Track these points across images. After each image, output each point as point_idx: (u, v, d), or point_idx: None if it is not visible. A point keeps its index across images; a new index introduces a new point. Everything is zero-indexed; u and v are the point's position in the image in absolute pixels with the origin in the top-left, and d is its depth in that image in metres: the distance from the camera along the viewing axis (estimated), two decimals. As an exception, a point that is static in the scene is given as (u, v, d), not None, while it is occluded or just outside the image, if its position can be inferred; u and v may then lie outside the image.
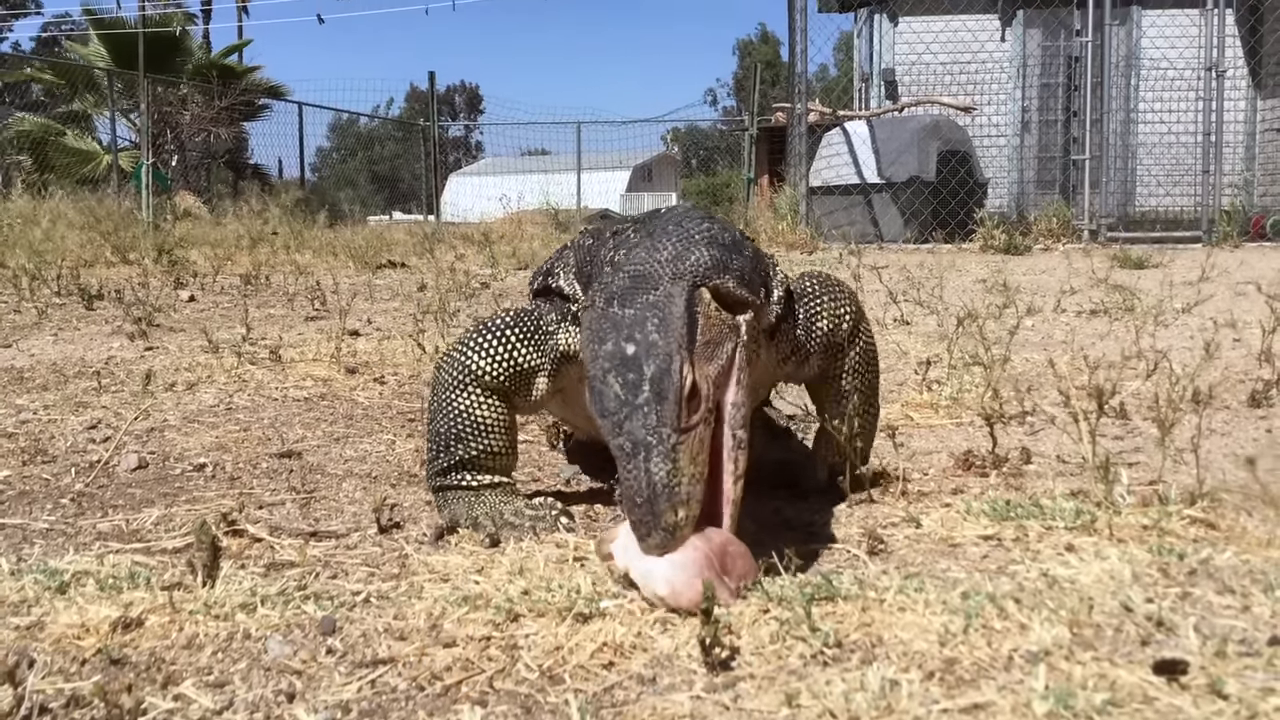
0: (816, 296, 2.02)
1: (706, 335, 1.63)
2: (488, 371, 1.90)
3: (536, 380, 1.92)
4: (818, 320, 2.00)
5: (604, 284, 1.73)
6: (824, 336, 2.01)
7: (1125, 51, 14.75)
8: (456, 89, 72.24)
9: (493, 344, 1.91)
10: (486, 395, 1.91)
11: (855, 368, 2.09)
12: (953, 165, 11.89)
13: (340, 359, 3.82)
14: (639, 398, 1.53)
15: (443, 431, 1.92)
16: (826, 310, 2.01)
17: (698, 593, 1.37)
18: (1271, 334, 3.37)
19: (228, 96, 20.73)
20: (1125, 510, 1.84)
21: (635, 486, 1.49)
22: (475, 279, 7.15)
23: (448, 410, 1.91)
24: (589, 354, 1.64)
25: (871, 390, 2.17)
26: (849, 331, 2.05)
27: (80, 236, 9.02)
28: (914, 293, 5.55)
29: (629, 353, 1.57)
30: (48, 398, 3.22)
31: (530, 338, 1.92)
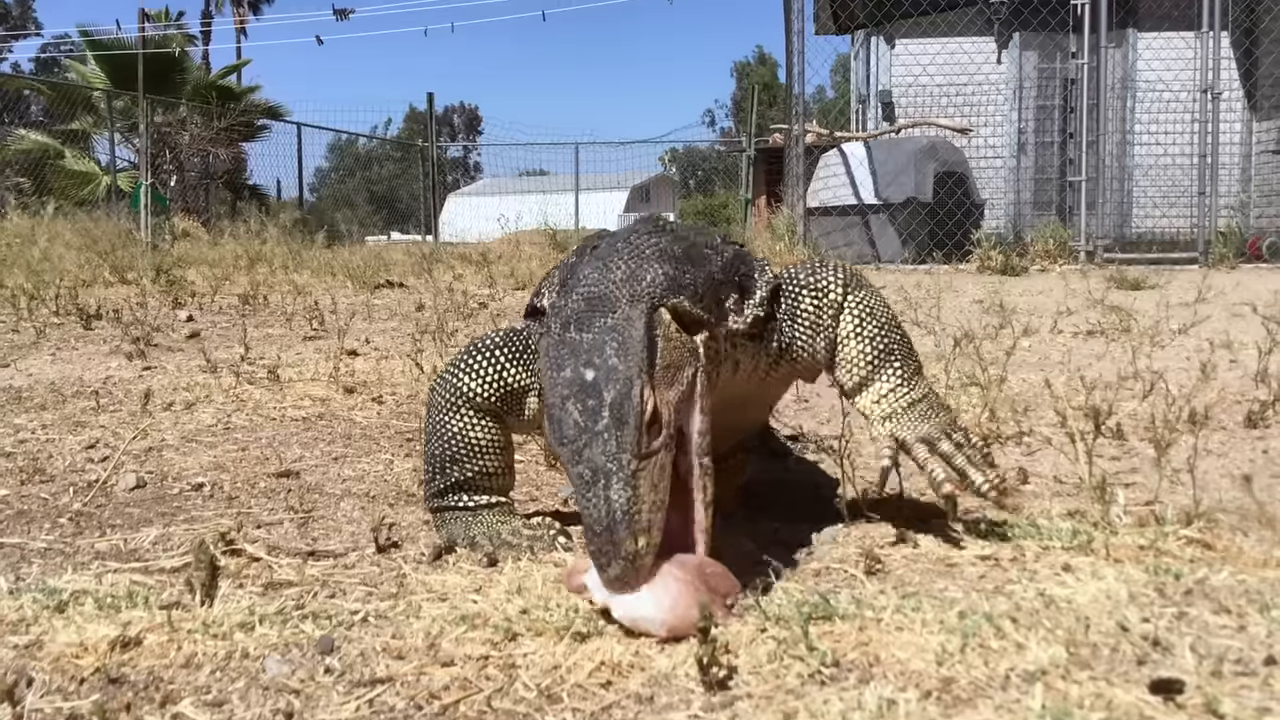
0: (795, 279, 1.96)
1: (667, 359, 1.61)
2: (478, 393, 1.90)
3: (527, 400, 1.91)
4: (801, 300, 1.94)
5: (559, 308, 1.71)
6: (811, 314, 1.93)
7: (1121, 74, 14.81)
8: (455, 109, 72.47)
9: (483, 365, 1.91)
10: (479, 416, 1.91)
11: (858, 329, 1.93)
12: (949, 186, 11.93)
13: (338, 379, 3.82)
14: (598, 424, 1.51)
15: (438, 453, 1.93)
16: (808, 287, 1.94)
17: (694, 622, 1.36)
18: (1268, 355, 3.39)
19: (227, 117, 20.79)
20: (1122, 530, 1.85)
21: (595, 515, 1.47)
22: (473, 299, 7.16)
23: (442, 432, 1.92)
24: (547, 381, 1.62)
25: (894, 350, 1.94)
26: (839, 298, 1.94)
27: (78, 256, 9.03)
28: (911, 313, 5.56)
29: (588, 378, 1.55)
30: (46, 417, 3.22)
31: (519, 357, 1.91)
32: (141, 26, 17.91)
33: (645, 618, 1.45)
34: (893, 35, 15.49)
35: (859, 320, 1.93)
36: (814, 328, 1.93)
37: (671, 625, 1.43)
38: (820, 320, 1.93)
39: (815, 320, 1.93)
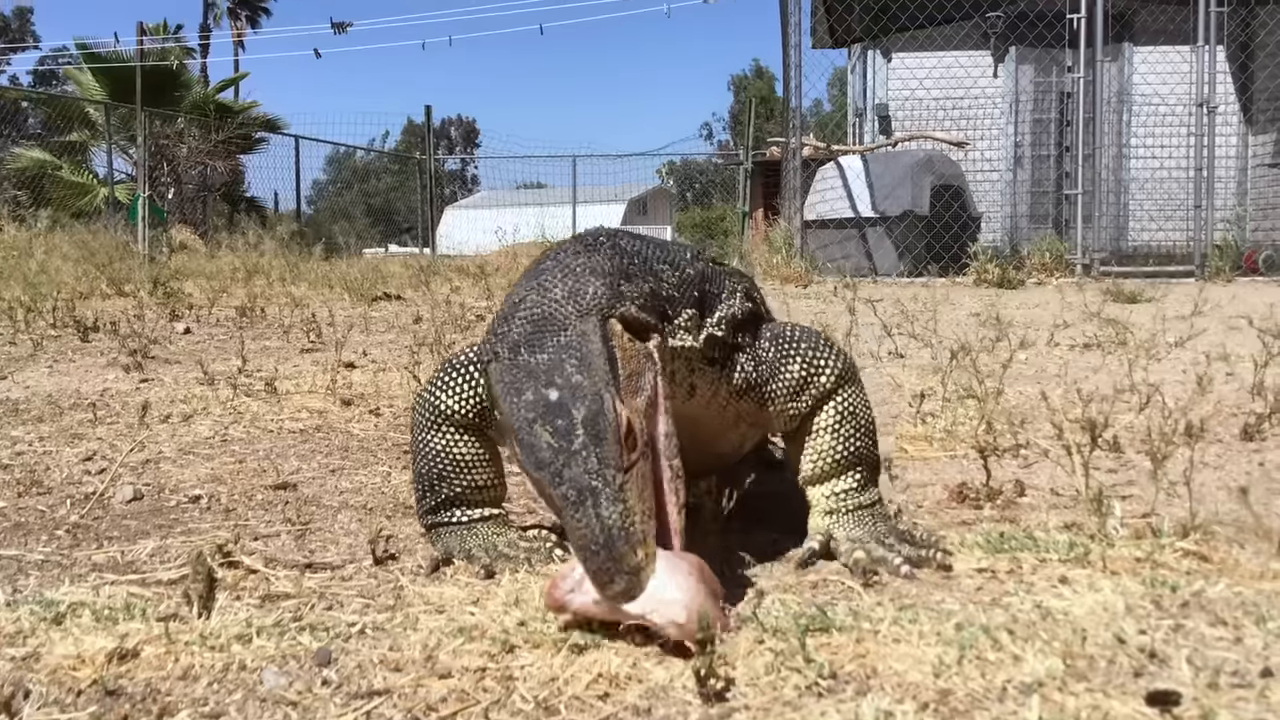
0: (794, 340, 1.91)
1: (628, 368, 1.58)
2: (456, 410, 1.90)
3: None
4: (790, 362, 1.89)
5: (501, 334, 1.67)
6: (794, 382, 1.88)
7: (1117, 87, 14.86)
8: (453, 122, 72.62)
9: (457, 381, 1.91)
10: (460, 433, 1.91)
11: (837, 426, 1.90)
12: (946, 199, 11.96)
13: (336, 391, 3.83)
14: (574, 443, 1.47)
15: (425, 472, 1.94)
16: (804, 356, 1.89)
17: (718, 613, 1.35)
18: (1264, 368, 3.39)
19: (224, 130, 20.82)
20: (1118, 543, 1.85)
21: (589, 535, 1.42)
22: (471, 311, 7.17)
23: (426, 451, 1.93)
24: (508, 408, 1.56)
25: (863, 456, 1.93)
26: (828, 385, 1.89)
27: (75, 269, 9.03)
28: (908, 326, 5.57)
29: (553, 399, 1.51)
30: (43, 429, 3.22)
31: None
32: (140, 39, 17.95)
33: (670, 600, 1.42)
34: (889, 49, 15.54)
35: (840, 418, 1.90)
36: (790, 395, 1.89)
37: (691, 611, 1.39)
38: (799, 394, 1.89)
39: (794, 390, 1.89)
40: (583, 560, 1.44)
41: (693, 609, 1.39)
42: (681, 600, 1.41)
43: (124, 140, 20.04)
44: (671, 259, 1.86)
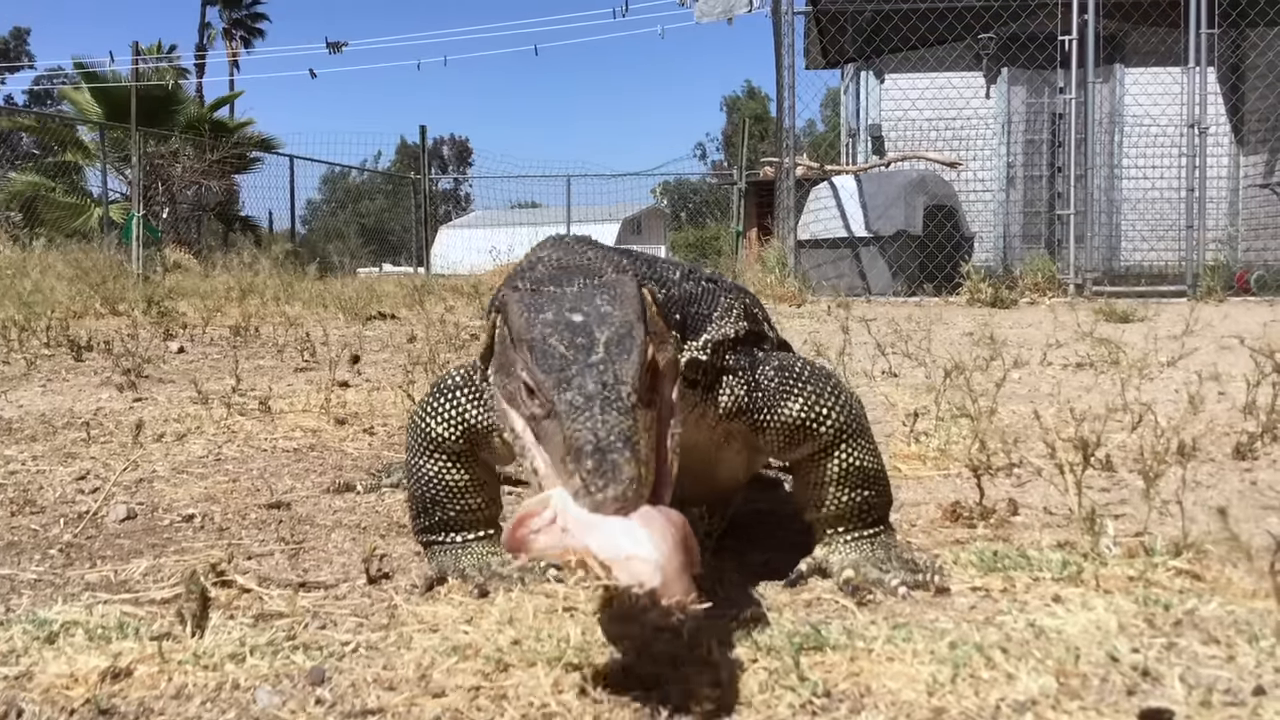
0: (799, 377, 1.85)
1: (655, 326, 1.53)
2: (445, 437, 1.89)
3: (492, 437, 1.87)
4: (788, 399, 1.83)
5: (523, 274, 1.64)
6: (791, 421, 1.82)
7: (1109, 108, 14.94)
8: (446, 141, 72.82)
9: (445, 408, 1.89)
10: (451, 459, 1.91)
11: (843, 477, 1.85)
12: (939, 219, 12.00)
13: (329, 410, 3.83)
14: (592, 356, 1.38)
15: (419, 495, 1.94)
16: (805, 398, 1.83)
17: (687, 586, 1.25)
18: (1255, 387, 3.40)
19: (219, 150, 20.84)
20: (1111, 561, 1.85)
21: (585, 438, 1.30)
22: (465, 330, 7.17)
23: (419, 476, 1.92)
24: (523, 323, 1.47)
25: (872, 507, 1.89)
26: (829, 437, 1.83)
27: (69, 288, 9.03)
28: (901, 345, 5.58)
29: (575, 320, 1.43)
30: (36, 449, 3.22)
31: (479, 398, 1.87)
32: (135, 60, 17.98)
33: (641, 556, 1.25)
34: (882, 70, 15.63)
35: (844, 472, 1.85)
36: (785, 434, 1.84)
37: (665, 572, 1.25)
38: (796, 437, 1.84)
39: (790, 430, 1.83)
40: (574, 466, 1.31)
41: (668, 571, 1.25)
42: (655, 560, 1.25)
43: (118, 160, 20.05)
44: (658, 276, 1.83)
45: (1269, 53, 14.08)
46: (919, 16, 13.78)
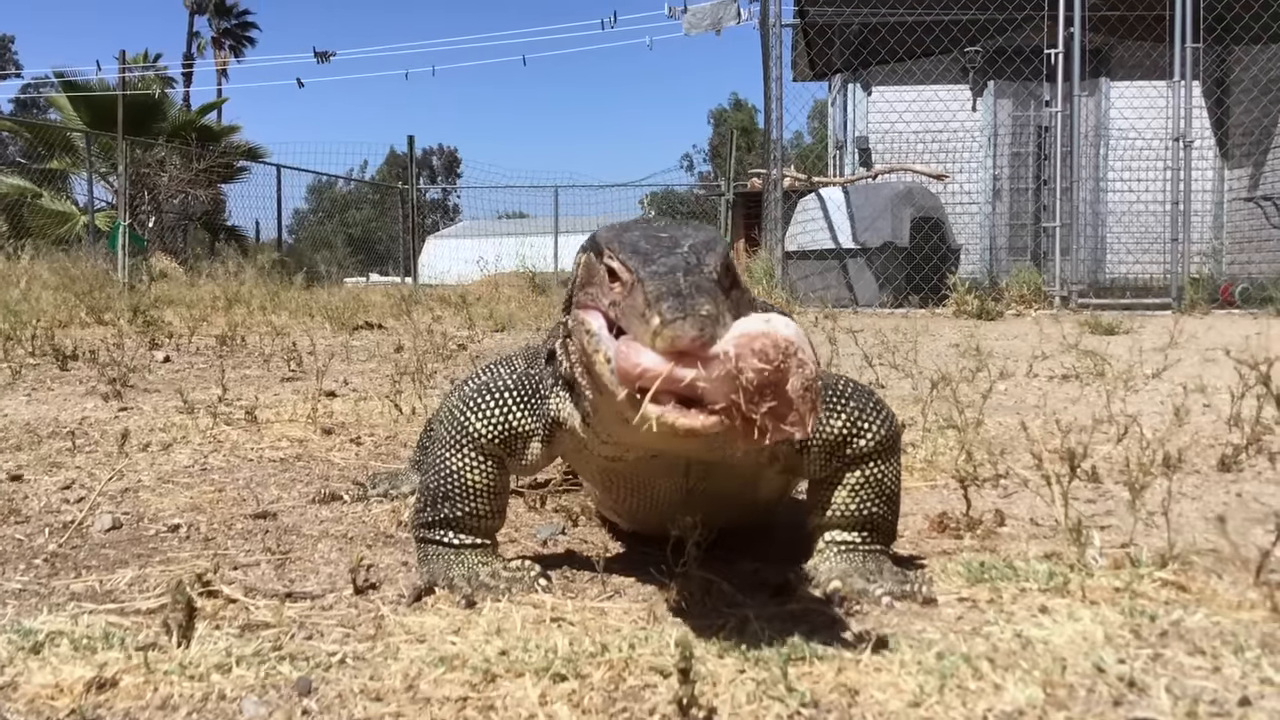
0: (844, 395, 1.87)
1: (734, 263, 1.59)
2: (483, 434, 1.89)
3: (530, 444, 1.91)
4: (832, 418, 1.84)
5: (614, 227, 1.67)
6: (833, 437, 1.85)
7: (1094, 122, 15.03)
8: (434, 152, 72.84)
9: (491, 406, 1.90)
10: (480, 458, 1.91)
11: (859, 488, 1.88)
12: (926, 231, 12.05)
13: (316, 420, 3.82)
14: (678, 247, 1.47)
15: (433, 487, 1.93)
16: (850, 412, 1.86)
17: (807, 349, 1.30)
18: (1240, 399, 3.42)
19: (206, 158, 20.81)
20: (1098, 572, 1.86)
21: (665, 289, 1.37)
22: (452, 340, 7.16)
23: (441, 468, 1.92)
24: (610, 236, 1.57)
25: (880, 522, 1.91)
26: (867, 448, 1.86)
27: (55, 297, 9.00)
28: (888, 356, 5.60)
29: (662, 236, 1.52)
30: (21, 458, 3.20)
31: (527, 401, 1.90)
32: (121, 69, 17.95)
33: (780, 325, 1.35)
34: (869, 82, 15.69)
35: (863, 481, 1.87)
36: (827, 454, 1.86)
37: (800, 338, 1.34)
38: (834, 451, 1.86)
39: (832, 447, 1.85)
40: (654, 308, 1.36)
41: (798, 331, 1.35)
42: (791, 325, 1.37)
43: (105, 168, 20.00)
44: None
45: (1253, 68, 14.18)
46: (906, 29, 13.85)
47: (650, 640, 1.57)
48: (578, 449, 1.91)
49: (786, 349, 1.33)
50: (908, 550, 2.16)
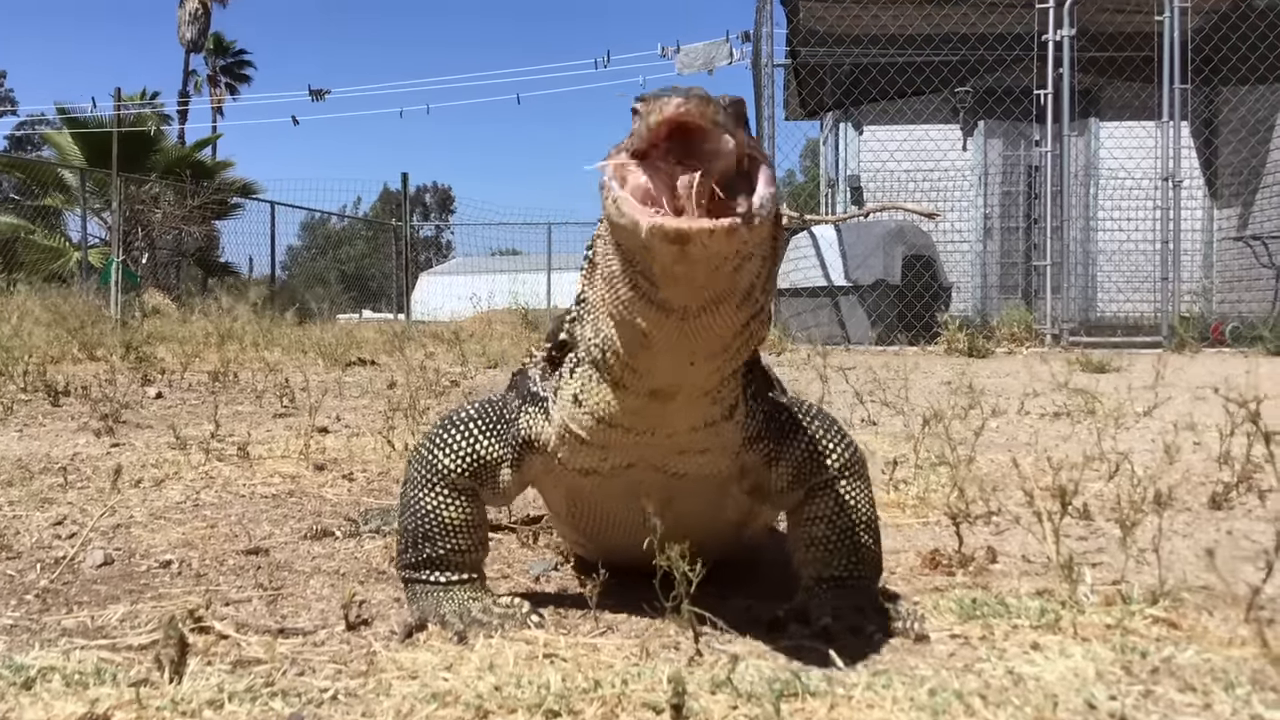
0: (809, 414, 1.91)
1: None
2: (452, 469, 1.90)
3: (500, 472, 1.91)
4: (799, 433, 1.89)
5: None
6: (799, 453, 1.88)
7: (1084, 161, 15.14)
8: (428, 189, 73.11)
9: (456, 439, 1.91)
10: (453, 494, 1.91)
11: (832, 518, 1.89)
12: (917, 269, 12.10)
13: (309, 456, 3.82)
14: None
15: (411, 529, 1.93)
16: (812, 431, 1.89)
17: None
18: (1230, 438, 3.43)
19: (200, 195, 20.87)
20: (1089, 609, 1.86)
21: (659, 91, 1.41)
22: (445, 377, 7.17)
23: (415, 509, 1.92)
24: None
25: (860, 555, 1.90)
26: (834, 469, 1.89)
27: (47, 333, 9.00)
28: (880, 393, 5.61)
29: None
30: (12, 494, 3.19)
31: (492, 428, 1.91)
32: (117, 105, 18.03)
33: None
34: (860, 122, 15.81)
35: (839, 508, 1.89)
36: (795, 470, 1.88)
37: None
38: (801, 469, 1.88)
39: (799, 464, 1.88)
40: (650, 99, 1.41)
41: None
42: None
43: (99, 205, 20.05)
44: None
45: (1240, 108, 14.33)
46: (896, 70, 13.97)
47: (643, 676, 1.57)
48: (548, 470, 1.91)
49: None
50: (900, 587, 2.17)
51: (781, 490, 1.91)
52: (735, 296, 1.52)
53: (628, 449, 1.80)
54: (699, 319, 1.52)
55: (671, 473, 1.84)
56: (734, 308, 1.54)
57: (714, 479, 1.88)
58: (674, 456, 1.82)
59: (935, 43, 13.89)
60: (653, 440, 1.78)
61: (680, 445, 1.79)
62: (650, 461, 1.83)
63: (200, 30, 49.99)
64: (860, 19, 13.55)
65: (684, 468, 1.83)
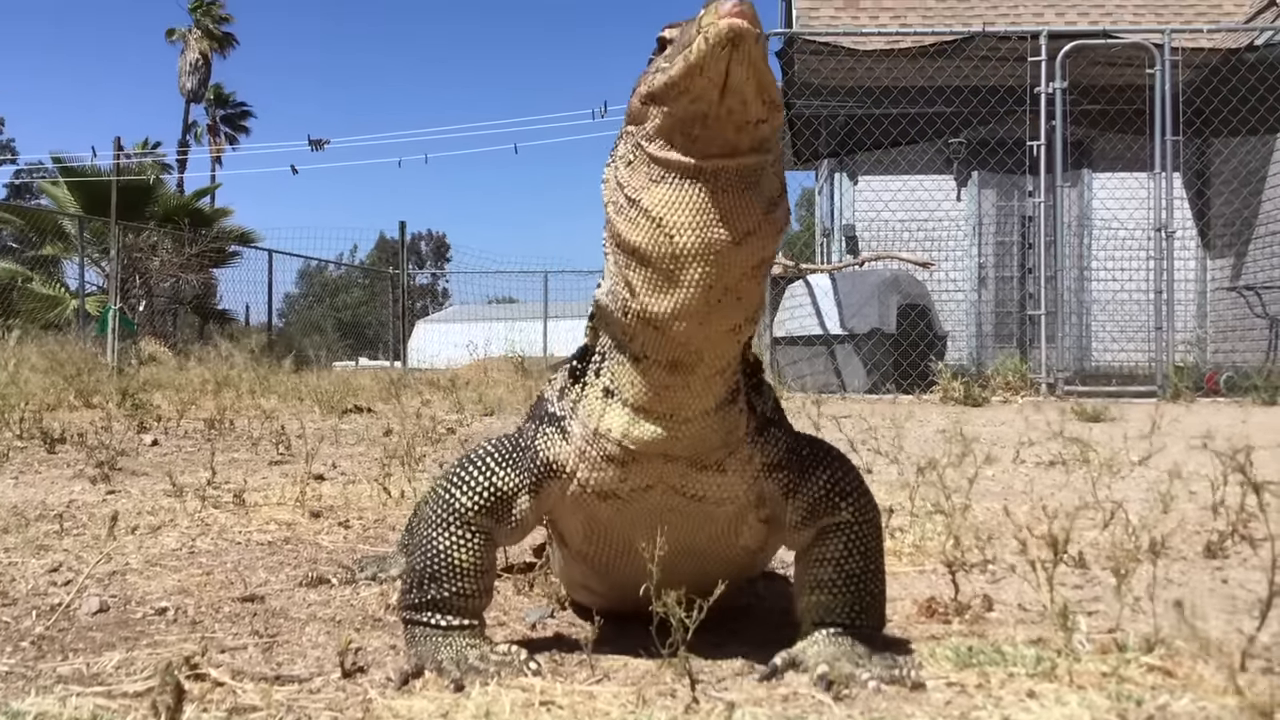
0: (831, 454, 1.94)
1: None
2: (469, 508, 1.90)
3: (518, 501, 1.91)
4: (821, 469, 1.91)
5: None
6: (818, 489, 1.90)
7: (1077, 211, 15.25)
8: (424, 237, 73.40)
9: (473, 476, 1.92)
10: (467, 535, 1.91)
11: (841, 560, 1.90)
12: (913, 318, 12.15)
13: (305, 503, 3.81)
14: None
15: (419, 568, 1.93)
16: (833, 470, 1.92)
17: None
18: (1224, 487, 3.45)
19: (199, 243, 20.96)
20: (1085, 657, 1.87)
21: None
22: (441, 424, 7.17)
23: (427, 548, 1.92)
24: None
25: (867, 602, 1.92)
26: (849, 513, 1.91)
27: (44, 380, 8.99)
28: (875, 441, 5.62)
29: None
30: (8, 540, 3.19)
31: (508, 458, 1.92)
32: (117, 154, 18.14)
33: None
34: (855, 172, 15.94)
35: (848, 552, 1.90)
36: (810, 506, 1.90)
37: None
38: (817, 506, 1.90)
39: (815, 500, 1.90)
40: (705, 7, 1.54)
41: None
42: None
43: (97, 253, 20.11)
44: None
45: (1232, 160, 14.46)
46: (890, 121, 14.11)
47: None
48: (566, 494, 1.91)
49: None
50: (896, 634, 2.17)
51: (795, 525, 1.92)
52: (755, 192, 1.64)
53: (648, 462, 1.81)
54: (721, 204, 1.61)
55: (690, 494, 1.85)
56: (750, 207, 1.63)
57: (732, 503, 1.89)
58: (692, 474, 1.83)
59: (929, 95, 14.03)
60: (673, 428, 1.79)
61: (697, 447, 1.80)
62: (669, 482, 1.84)
63: (201, 80, 50.40)
64: (855, 71, 13.70)
65: (702, 489, 1.85)
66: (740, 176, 1.60)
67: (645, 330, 1.70)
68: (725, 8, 1.50)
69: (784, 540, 1.99)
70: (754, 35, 1.50)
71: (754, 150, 1.60)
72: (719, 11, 1.50)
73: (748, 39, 1.50)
